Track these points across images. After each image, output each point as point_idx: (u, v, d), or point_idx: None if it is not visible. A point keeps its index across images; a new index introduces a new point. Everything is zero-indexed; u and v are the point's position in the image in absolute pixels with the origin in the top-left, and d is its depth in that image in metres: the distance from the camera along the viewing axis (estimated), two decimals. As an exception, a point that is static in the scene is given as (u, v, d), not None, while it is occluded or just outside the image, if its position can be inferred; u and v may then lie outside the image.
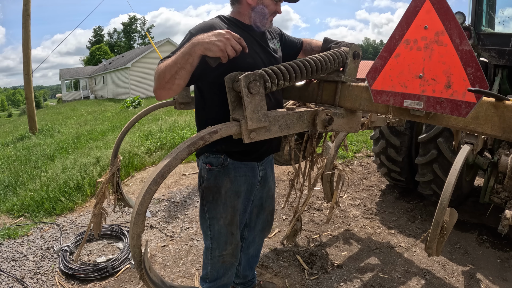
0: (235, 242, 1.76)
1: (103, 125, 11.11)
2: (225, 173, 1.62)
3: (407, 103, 1.16)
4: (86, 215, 3.71)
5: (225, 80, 1.19)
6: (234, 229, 1.72)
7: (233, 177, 1.63)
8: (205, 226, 1.73)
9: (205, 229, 1.74)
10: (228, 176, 1.62)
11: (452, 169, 1.69)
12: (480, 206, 3.42)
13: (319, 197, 3.95)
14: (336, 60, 1.41)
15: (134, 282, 2.53)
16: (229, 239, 1.73)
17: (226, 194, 1.64)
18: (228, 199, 1.65)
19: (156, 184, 1.03)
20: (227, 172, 1.62)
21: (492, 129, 1.10)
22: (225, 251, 1.75)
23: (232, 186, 1.63)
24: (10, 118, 43.40)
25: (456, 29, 1.01)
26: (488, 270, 2.61)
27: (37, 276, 2.62)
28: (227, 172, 1.62)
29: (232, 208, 1.67)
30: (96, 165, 5.22)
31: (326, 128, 1.37)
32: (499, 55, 3.03)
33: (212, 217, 1.67)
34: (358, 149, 6.04)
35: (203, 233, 1.78)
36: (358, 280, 2.51)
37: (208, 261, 1.80)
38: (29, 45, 9.50)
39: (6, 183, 4.85)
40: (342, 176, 2.19)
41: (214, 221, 1.68)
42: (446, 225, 1.55)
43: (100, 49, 51.97)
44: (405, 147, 3.50)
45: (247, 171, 1.67)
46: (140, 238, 1.06)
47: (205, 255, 1.84)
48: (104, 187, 2.28)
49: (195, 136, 1.10)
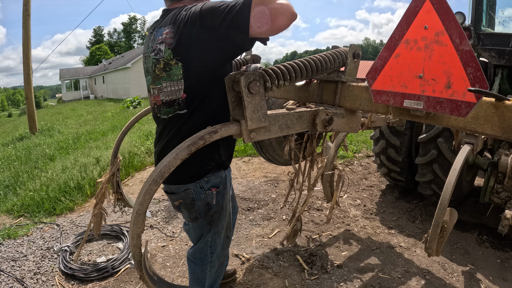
0: (228, 243, 1.76)
1: (103, 125, 11.11)
2: (226, 187, 1.55)
3: (407, 103, 1.16)
4: (86, 215, 3.71)
5: (225, 80, 1.19)
6: (229, 232, 1.71)
7: (228, 187, 1.59)
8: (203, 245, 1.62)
9: (205, 248, 1.62)
10: (227, 188, 1.57)
11: (452, 169, 1.69)
12: (480, 206, 3.41)
13: (319, 197, 3.95)
14: (336, 60, 1.41)
15: (134, 282, 2.53)
16: (226, 243, 1.72)
17: (228, 205, 1.61)
18: (228, 208, 1.62)
19: (156, 184, 1.04)
20: (226, 185, 1.56)
21: (492, 129, 1.10)
22: (222, 257, 1.74)
23: (228, 196, 1.61)
24: (10, 118, 43.45)
25: (456, 29, 1.01)
26: (488, 270, 2.61)
27: (37, 276, 2.62)
28: (226, 185, 1.56)
29: (229, 214, 1.65)
30: (96, 165, 5.22)
31: (326, 128, 1.37)
32: (499, 55, 3.03)
33: (214, 233, 1.59)
34: (358, 149, 6.04)
35: (201, 253, 1.65)
36: (358, 280, 2.51)
37: (206, 274, 1.70)
38: (29, 45, 9.50)
39: (6, 183, 4.85)
40: (342, 176, 2.19)
41: (215, 236, 1.61)
42: (446, 225, 1.55)
43: (100, 49, 51.99)
44: (405, 147, 3.50)
45: (229, 175, 1.63)
46: (140, 238, 1.06)
47: (201, 271, 1.70)
48: (104, 187, 2.28)
49: (195, 136, 1.09)
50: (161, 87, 1.37)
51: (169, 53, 1.29)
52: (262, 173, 4.90)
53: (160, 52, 1.32)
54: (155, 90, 1.41)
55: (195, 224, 1.56)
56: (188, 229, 1.68)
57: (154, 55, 1.35)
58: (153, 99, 1.45)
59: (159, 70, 1.35)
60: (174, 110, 1.38)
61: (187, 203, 1.47)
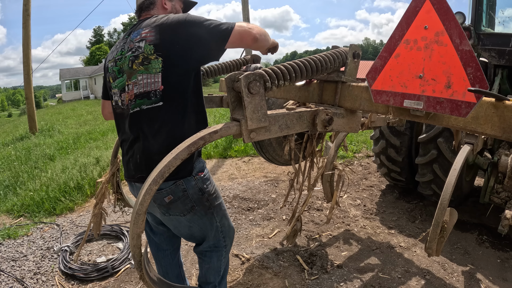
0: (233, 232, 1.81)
1: (103, 125, 11.11)
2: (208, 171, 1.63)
3: (407, 103, 1.16)
4: (86, 215, 3.71)
5: (225, 80, 1.19)
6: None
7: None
8: (215, 232, 1.65)
9: (217, 234, 1.65)
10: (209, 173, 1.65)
11: (452, 169, 1.69)
12: (480, 206, 3.41)
13: (319, 197, 3.95)
14: (336, 60, 1.41)
15: (134, 282, 2.53)
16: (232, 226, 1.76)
17: (217, 189, 1.66)
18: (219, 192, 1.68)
19: (156, 184, 1.04)
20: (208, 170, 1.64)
21: (492, 129, 1.10)
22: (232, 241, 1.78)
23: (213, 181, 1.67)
24: (10, 118, 43.44)
25: (456, 29, 1.01)
26: (488, 270, 2.61)
27: (37, 276, 2.62)
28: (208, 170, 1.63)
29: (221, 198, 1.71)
30: (96, 165, 5.23)
31: (326, 128, 1.37)
32: (499, 55, 3.03)
33: (221, 217, 1.64)
34: (358, 149, 6.04)
35: (214, 239, 1.67)
36: (358, 280, 2.51)
37: (222, 261, 1.73)
38: (29, 45, 9.50)
39: (6, 183, 4.85)
40: (342, 176, 2.19)
41: (224, 219, 1.66)
42: (446, 225, 1.55)
43: (100, 49, 51.94)
44: (405, 147, 3.50)
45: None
46: (140, 238, 1.06)
47: (216, 259, 1.71)
48: (104, 187, 2.28)
49: (195, 136, 1.09)
50: (136, 81, 1.43)
51: (150, 48, 1.39)
52: (262, 173, 4.90)
53: (139, 49, 1.41)
54: (130, 86, 1.46)
55: (194, 216, 1.56)
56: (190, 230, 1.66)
57: (132, 52, 1.44)
58: (127, 96, 1.48)
59: (136, 64, 1.42)
60: (150, 102, 1.43)
61: (179, 196, 1.48)
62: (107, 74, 1.59)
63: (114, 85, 1.55)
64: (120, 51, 1.52)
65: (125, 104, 1.50)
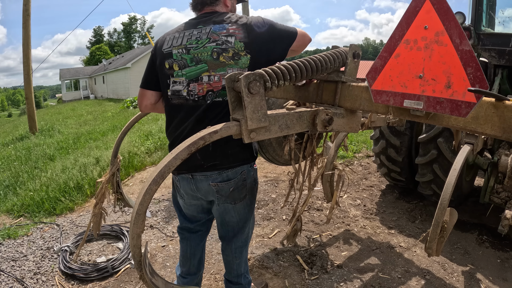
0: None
1: (103, 125, 11.11)
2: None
3: (407, 103, 1.16)
4: (86, 215, 3.71)
5: (226, 80, 1.19)
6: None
7: None
8: (251, 222, 1.79)
9: (250, 225, 1.79)
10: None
11: (452, 169, 1.69)
12: (480, 206, 3.41)
13: (319, 197, 3.95)
14: (336, 60, 1.41)
15: (134, 282, 2.53)
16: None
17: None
18: None
19: (156, 184, 1.03)
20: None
21: (492, 129, 1.10)
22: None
23: None
24: (10, 118, 43.45)
25: (456, 29, 1.01)
26: (488, 270, 2.61)
27: (37, 276, 2.62)
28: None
29: None
30: (96, 165, 5.23)
31: (326, 128, 1.37)
32: (499, 55, 3.03)
33: (253, 210, 1.78)
34: (358, 149, 6.04)
35: (247, 232, 1.80)
36: (358, 280, 2.51)
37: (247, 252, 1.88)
38: (29, 45, 9.50)
39: (6, 183, 4.85)
40: (342, 176, 2.19)
41: (253, 212, 1.80)
42: (446, 225, 1.55)
43: (100, 49, 51.94)
44: (405, 147, 3.50)
45: None
46: (140, 238, 1.06)
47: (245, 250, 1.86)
48: (104, 187, 2.28)
49: (195, 136, 1.09)
50: (225, 74, 1.50)
51: (240, 45, 1.49)
52: (262, 173, 4.90)
53: (228, 43, 1.50)
54: (214, 77, 1.51)
55: (242, 205, 1.65)
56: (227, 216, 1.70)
57: (217, 44, 1.50)
58: (206, 86, 1.52)
59: (225, 58, 1.50)
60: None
61: (239, 185, 1.59)
62: (169, 60, 1.55)
63: (180, 74, 1.54)
64: (195, 40, 1.52)
65: (196, 94, 1.53)
